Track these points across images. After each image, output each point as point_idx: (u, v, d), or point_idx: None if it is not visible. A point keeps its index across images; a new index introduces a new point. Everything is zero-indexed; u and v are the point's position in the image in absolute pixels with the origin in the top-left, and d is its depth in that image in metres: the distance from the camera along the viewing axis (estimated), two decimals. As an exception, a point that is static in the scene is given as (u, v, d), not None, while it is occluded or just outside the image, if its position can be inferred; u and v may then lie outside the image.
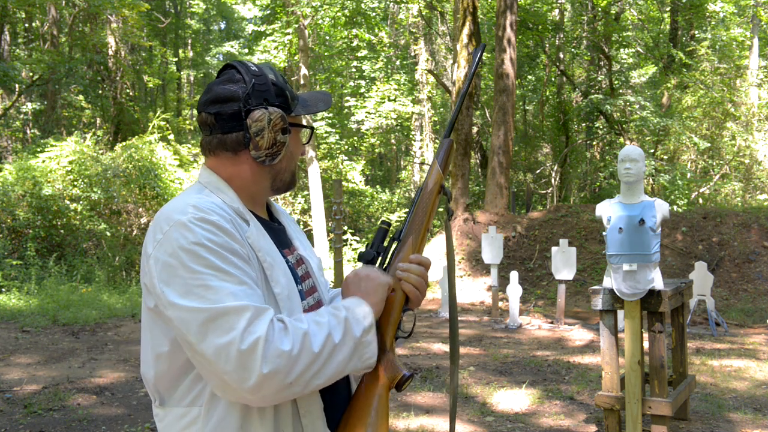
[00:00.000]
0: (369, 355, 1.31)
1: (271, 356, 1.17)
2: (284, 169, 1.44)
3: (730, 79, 17.78)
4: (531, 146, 22.05)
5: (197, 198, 1.33)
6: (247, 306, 1.19)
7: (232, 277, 1.22)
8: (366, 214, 21.02)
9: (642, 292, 4.13)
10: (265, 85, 1.38)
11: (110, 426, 4.84)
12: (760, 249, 10.94)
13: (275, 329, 1.20)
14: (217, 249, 1.23)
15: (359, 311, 1.31)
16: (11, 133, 19.39)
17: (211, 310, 1.19)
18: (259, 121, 1.35)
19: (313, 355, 1.22)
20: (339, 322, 1.28)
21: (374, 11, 19.40)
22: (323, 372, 1.24)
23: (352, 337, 1.28)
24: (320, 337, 1.24)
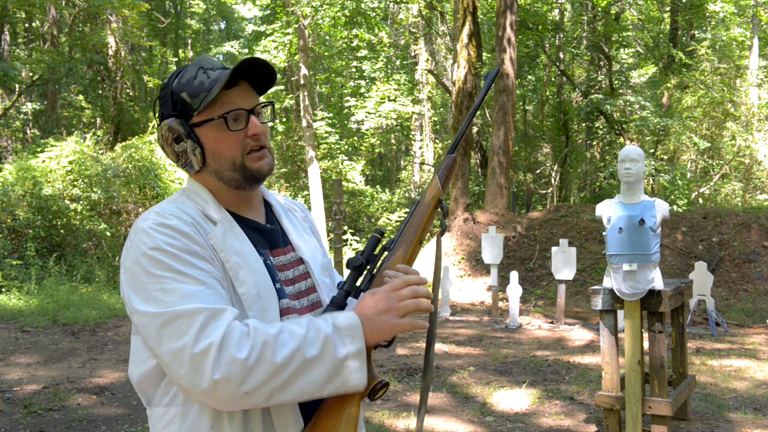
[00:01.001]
0: (354, 382, 1.22)
1: (224, 362, 1.14)
2: (221, 168, 1.37)
3: (730, 79, 17.78)
4: (531, 146, 22.05)
5: (165, 205, 1.35)
6: (201, 309, 1.17)
7: (190, 278, 1.22)
8: (366, 214, 21.02)
9: (642, 292, 4.13)
10: (164, 97, 1.38)
11: (110, 426, 4.84)
12: (760, 249, 10.94)
13: (234, 334, 1.17)
14: (175, 252, 1.24)
15: (349, 332, 1.23)
16: (11, 133, 19.40)
17: (166, 314, 1.18)
18: (159, 138, 1.39)
19: (273, 367, 1.16)
20: (318, 338, 1.20)
21: (374, 11, 19.39)
22: (290, 388, 1.18)
23: (332, 357, 1.20)
24: (286, 349, 1.17)
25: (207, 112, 1.34)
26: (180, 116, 1.36)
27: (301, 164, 20.39)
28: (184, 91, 1.35)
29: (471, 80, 14.56)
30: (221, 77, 1.33)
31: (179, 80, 1.37)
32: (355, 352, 1.22)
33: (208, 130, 1.35)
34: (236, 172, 1.37)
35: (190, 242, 1.26)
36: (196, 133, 1.36)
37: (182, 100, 1.35)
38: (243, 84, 1.37)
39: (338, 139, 20.52)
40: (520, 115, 22.42)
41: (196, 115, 1.35)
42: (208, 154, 1.37)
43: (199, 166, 1.37)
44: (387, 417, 4.96)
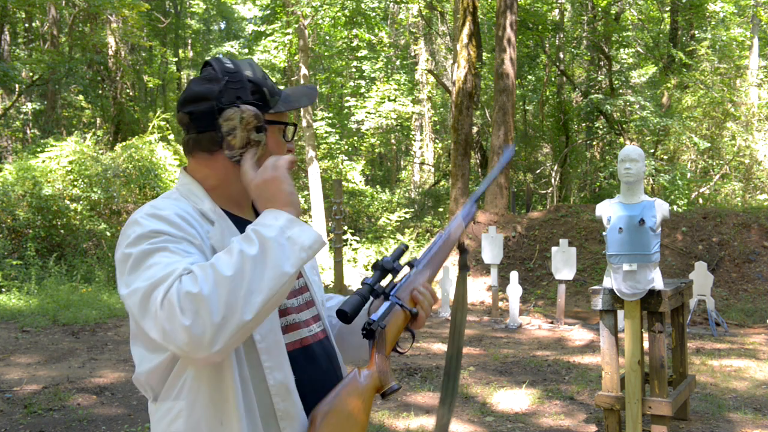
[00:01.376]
0: (308, 240, 1.22)
1: (187, 306, 1.12)
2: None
3: (730, 79, 17.78)
4: (531, 146, 22.04)
5: (159, 200, 1.35)
6: (171, 272, 1.16)
7: (172, 254, 1.21)
8: (366, 214, 21.01)
9: (642, 292, 4.13)
10: (240, 82, 1.36)
11: (110, 426, 4.84)
12: (760, 249, 10.93)
13: (184, 280, 1.15)
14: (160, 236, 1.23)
15: (267, 218, 1.23)
16: (11, 133, 19.39)
17: (144, 287, 1.17)
18: (231, 119, 1.33)
19: (229, 281, 1.14)
20: (248, 237, 1.20)
21: (374, 11, 19.39)
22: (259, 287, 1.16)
23: (270, 240, 1.19)
24: (231, 260, 1.16)
25: (278, 116, 1.40)
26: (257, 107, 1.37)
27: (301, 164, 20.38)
28: (264, 86, 1.39)
29: (471, 80, 14.56)
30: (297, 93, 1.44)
31: (254, 73, 1.39)
32: (285, 223, 1.22)
33: (274, 131, 1.40)
34: None
35: (180, 231, 1.26)
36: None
37: (263, 93, 1.38)
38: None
39: (338, 139, 20.52)
40: (520, 115, 22.42)
41: (271, 113, 1.39)
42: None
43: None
44: (387, 417, 4.96)
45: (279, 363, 1.31)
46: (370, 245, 17.73)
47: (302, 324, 1.42)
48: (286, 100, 1.41)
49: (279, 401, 1.30)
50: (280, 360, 1.32)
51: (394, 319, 1.42)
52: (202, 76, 1.39)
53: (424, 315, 1.46)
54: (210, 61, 1.41)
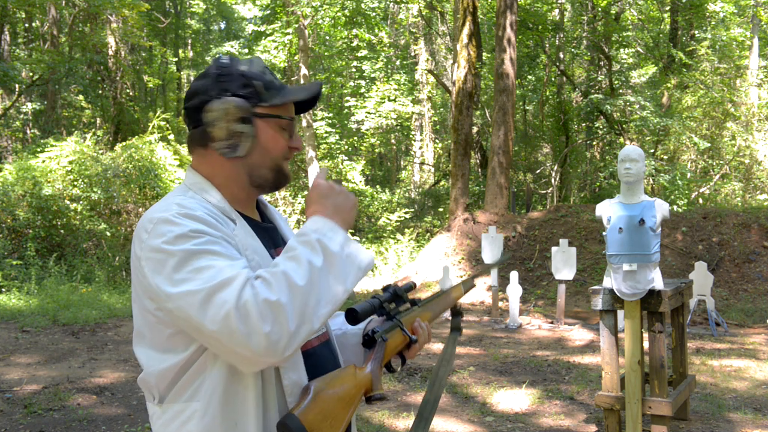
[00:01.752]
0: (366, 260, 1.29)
1: (267, 313, 1.15)
2: (259, 164, 1.40)
3: (730, 79, 17.78)
4: (531, 146, 22.05)
5: (181, 198, 1.33)
6: (236, 275, 1.18)
7: (221, 256, 1.22)
8: (366, 214, 21.00)
9: (642, 292, 4.13)
10: (230, 76, 1.37)
11: (110, 426, 4.84)
12: (760, 249, 10.93)
13: (257, 286, 1.18)
14: (202, 236, 1.23)
15: (327, 228, 1.27)
16: (11, 133, 19.39)
17: (204, 289, 1.17)
18: (214, 111, 1.34)
19: (302, 290, 1.19)
20: (313, 247, 1.23)
21: (374, 11, 19.40)
22: (323, 297, 1.22)
23: (332, 254, 1.24)
24: (301, 270, 1.20)
25: (274, 109, 1.40)
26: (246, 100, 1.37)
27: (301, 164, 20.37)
28: (258, 80, 1.38)
29: (471, 80, 14.56)
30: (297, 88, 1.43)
31: (249, 68, 1.39)
32: (343, 240, 1.27)
33: (268, 124, 1.39)
34: (272, 172, 1.41)
35: (216, 230, 1.26)
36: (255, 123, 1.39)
37: (255, 86, 1.38)
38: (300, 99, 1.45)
39: (338, 139, 20.52)
40: (520, 115, 22.42)
41: (264, 107, 1.38)
42: (257, 147, 1.39)
43: (244, 153, 1.38)
44: (387, 417, 4.96)
45: (294, 363, 1.33)
46: (370, 245, 17.73)
47: None
48: (282, 93, 1.41)
49: (293, 401, 1.30)
50: (296, 360, 1.33)
51: (394, 338, 1.46)
52: (200, 73, 1.43)
53: (419, 347, 1.51)
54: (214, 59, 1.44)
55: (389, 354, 1.45)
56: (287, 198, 19.60)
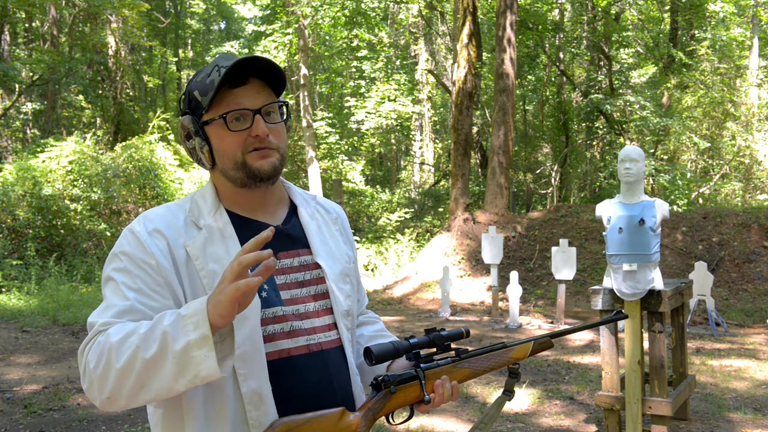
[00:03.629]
0: (206, 372, 1.16)
1: (87, 374, 1.23)
2: (226, 168, 1.37)
3: (730, 79, 17.78)
4: (531, 146, 22.04)
5: (161, 207, 1.43)
6: (95, 322, 1.27)
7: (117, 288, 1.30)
8: (366, 214, 21.00)
9: (642, 292, 4.13)
10: (184, 94, 1.41)
11: (110, 426, 4.84)
12: (760, 249, 10.93)
13: (94, 345, 1.24)
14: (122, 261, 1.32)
15: (192, 319, 1.16)
16: (11, 133, 19.39)
17: (88, 322, 1.29)
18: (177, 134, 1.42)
19: (118, 372, 1.18)
20: (156, 335, 1.17)
21: (374, 11, 19.39)
22: (147, 388, 1.18)
23: (172, 351, 1.16)
24: (126, 354, 1.18)
25: (212, 111, 1.35)
26: (193, 114, 1.38)
27: (301, 164, 20.37)
28: (196, 89, 1.37)
29: (471, 80, 14.56)
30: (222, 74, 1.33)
31: (196, 77, 1.39)
32: (197, 339, 1.15)
33: (214, 128, 1.36)
34: (239, 170, 1.36)
35: (139, 252, 1.32)
36: (205, 132, 1.37)
37: (195, 98, 1.37)
38: (254, 82, 1.35)
39: (338, 139, 20.51)
40: (520, 115, 22.42)
41: (205, 113, 1.36)
42: (215, 153, 1.38)
43: (209, 164, 1.40)
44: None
45: (254, 371, 1.28)
46: (370, 245, 17.72)
47: (300, 332, 1.36)
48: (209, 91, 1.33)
49: (252, 409, 1.28)
50: (256, 368, 1.28)
51: (407, 390, 1.36)
52: None
53: (433, 405, 1.39)
54: None
55: (395, 406, 1.36)
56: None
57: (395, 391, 1.34)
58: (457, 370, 1.40)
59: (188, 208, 1.40)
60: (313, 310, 1.40)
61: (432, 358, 1.39)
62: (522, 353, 1.48)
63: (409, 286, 12.53)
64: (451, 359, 1.41)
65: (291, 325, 1.36)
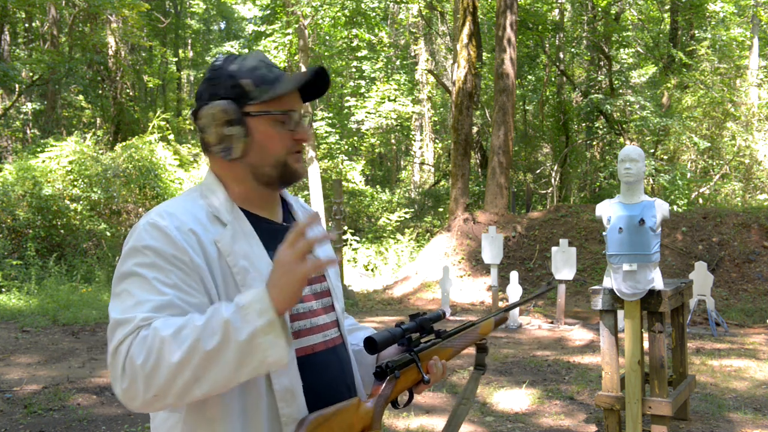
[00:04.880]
0: (274, 358, 1.15)
1: (128, 371, 1.15)
2: (260, 163, 1.36)
3: (730, 79, 17.78)
4: (531, 146, 22.04)
5: (173, 201, 1.36)
6: (132, 318, 1.18)
7: (147, 284, 1.22)
8: (366, 214, 21.01)
9: (642, 292, 4.12)
10: (219, 78, 1.35)
11: (110, 426, 4.84)
12: (760, 249, 10.93)
13: (137, 339, 1.16)
14: (148, 256, 1.25)
15: (254, 307, 1.15)
16: (11, 133, 19.40)
17: (115, 319, 1.21)
18: (203, 117, 1.35)
19: (173, 366, 1.12)
20: (217, 326, 1.14)
21: (374, 11, 19.39)
22: (201, 381, 1.14)
23: (236, 342, 1.13)
24: (183, 346, 1.13)
25: (266, 105, 1.35)
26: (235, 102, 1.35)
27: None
28: (246, 78, 1.35)
29: (471, 80, 14.56)
30: (291, 77, 1.36)
31: (239, 66, 1.36)
32: (263, 326, 1.14)
33: (262, 122, 1.35)
34: (276, 169, 1.37)
35: (171, 248, 1.25)
36: (246, 122, 1.35)
37: (242, 86, 1.34)
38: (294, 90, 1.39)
39: (338, 139, 20.52)
40: (520, 115, 22.42)
41: (254, 104, 1.34)
42: (254, 146, 1.35)
43: (239, 154, 1.35)
44: (387, 417, 4.96)
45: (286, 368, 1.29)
46: (370, 245, 17.73)
47: (317, 329, 1.39)
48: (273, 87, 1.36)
49: (284, 406, 1.29)
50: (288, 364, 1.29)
51: (407, 374, 1.41)
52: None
53: (430, 384, 1.46)
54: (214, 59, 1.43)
55: (399, 390, 1.40)
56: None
57: (399, 376, 1.39)
58: (443, 349, 1.50)
59: (205, 203, 1.36)
60: (320, 308, 1.43)
61: (419, 342, 1.45)
62: (487, 329, 1.64)
63: (409, 286, 12.53)
64: (434, 341, 1.50)
65: (310, 321, 1.39)
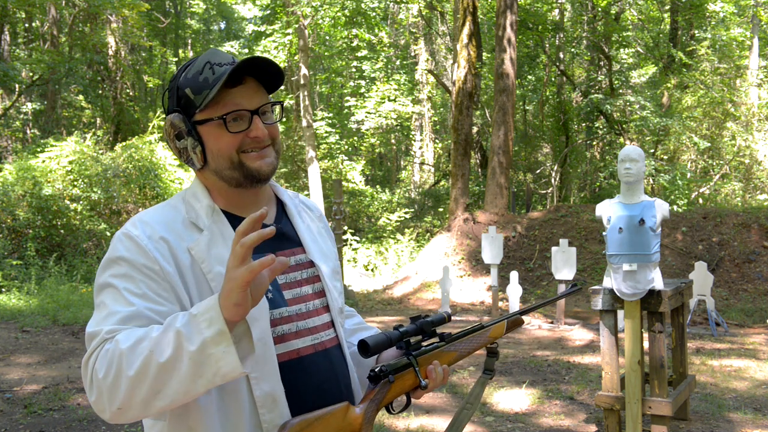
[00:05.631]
0: (227, 368, 1.12)
1: (94, 384, 1.17)
2: (220, 168, 1.34)
3: (730, 79, 17.78)
4: (531, 146, 22.04)
5: (150, 209, 1.37)
6: (99, 331, 1.20)
7: (119, 295, 1.24)
8: (366, 214, 21.01)
9: (642, 292, 4.12)
10: (171, 90, 1.37)
11: (110, 426, 4.84)
12: (760, 249, 10.93)
13: (101, 352, 1.17)
14: (122, 266, 1.26)
15: (205, 316, 1.12)
16: (11, 133, 19.40)
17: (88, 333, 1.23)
18: (165, 132, 1.39)
19: (131, 379, 1.12)
20: (169, 337, 1.12)
21: (374, 11, 19.39)
22: (162, 393, 1.13)
23: (187, 352, 1.11)
24: (138, 359, 1.12)
25: (208, 111, 1.32)
26: (183, 112, 1.34)
27: (301, 164, 20.38)
28: (188, 86, 1.33)
29: (471, 80, 14.56)
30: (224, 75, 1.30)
31: (186, 74, 1.35)
32: (213, 336, 1.11)
33: (209, 128, 1.33)
34: (235, 170, 1.34)
35: (141, 257, 1.26)
36: (198, 131, 1.34)
37: (186, 96, 1.34)
38: (250, 82, 1.34)
39: (338, 139, 20.52)
40: (520, 115, 22.42)
41: (198, 112, 1.32)
42: (209, 153, 1.34)
43: (200, 164, 1.35)
44: (387, 417, 4.96)
45: (267, 374, 1.27)
46: (370, 245, 17.73)
47: (305, 332, 1.37)
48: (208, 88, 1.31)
49: (265, 412, 1.27)
50: (268, 371, 1.28)
51: (403, 378, 1.35)
52: None
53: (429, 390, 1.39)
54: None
55: (393, 395, 1.35)
56: (287, 198, 19.56)
57: (393, 380, 1.33)
58: (445, 353, 1.43)
59: (184, 209, 1.36)
60: (312, 309, 1.40)
61: (420, 345, 1.40)
62: (498, 332, 1.55)
63: (409, 286, 12.53)
64: (437, 344, 1.44)
65: (296, 325, 1.36)
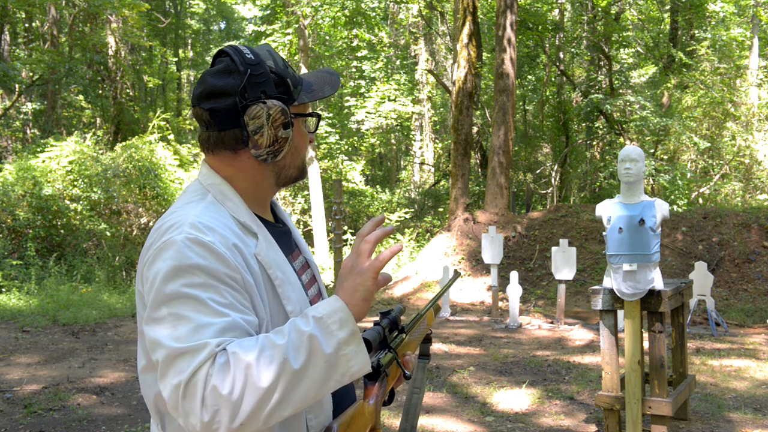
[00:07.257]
0: (357, 367, 1.13)
1: (209, 403, 1.05)
2: (289, 165, 1.33)
3: (730, 79, 17.79)
4: (531, 146, 22.04)
5: (199, 211, 1.23)
6: (201, 347, 1.08)
7: (205, 306, 1.12)
8: (366, 214, 21.00)
9: (642, 292, 4.13)
10: (263, 74, 1.25)
11: (110, 426, 4.84)
12: (760, 249, 10.93)
13: (215, 367, 1.06)
14: (198, 276, 1.13)
15: (335, 318, 1.12)
16: (11, 133, 19.40)
17: (170, 349, 1.09)
18: (257, 117, 1.23)
19: (261, 392, 1.06)
20: (301, 343, 1.09)
21: (374, 11, 19.40)
22: (288, 402, 1.08)
23: (322, 355, 1.09)
24: (271, 368, 1.06)
25: (301, 107, 1.31)
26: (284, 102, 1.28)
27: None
28: (288, 76, 1.29)
29: (471, 80, 14.56)
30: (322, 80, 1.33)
31: (274, 62, 1.29)
32: (346, 337, 1.11)
33: (299, 124, 1.32)
34: (298, 170, 1.35)
35: (222, 266, 1.16)
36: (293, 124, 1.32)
37: (287, 85, 1.28)
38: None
39: (338, 139, 20.52)
40: (520, 115, 22.42)
41: (295, 106, 1.30)
42: (291, 149, 1.32)
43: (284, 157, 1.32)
44: (387, 417, 4.96)
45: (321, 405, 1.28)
46: (370, 245, 17.69)
47: None
48: (308, 90, 1.32)
49: (312, 417, 1.26)
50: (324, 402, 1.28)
51: (392, 371, 1.36)
52: (219, 68, 1.27)
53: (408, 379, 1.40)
54: (226, 50, 1.29)
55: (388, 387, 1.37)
56: (287, 198, 19.60)
57: (389, 374, 1.34)
58: (410, 343, 1.46)
59: (228, 212, 1.27)
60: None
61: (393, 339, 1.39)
62: (430, 319, 1.58)
63: (409, 286, 12.53)
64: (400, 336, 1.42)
65: None
